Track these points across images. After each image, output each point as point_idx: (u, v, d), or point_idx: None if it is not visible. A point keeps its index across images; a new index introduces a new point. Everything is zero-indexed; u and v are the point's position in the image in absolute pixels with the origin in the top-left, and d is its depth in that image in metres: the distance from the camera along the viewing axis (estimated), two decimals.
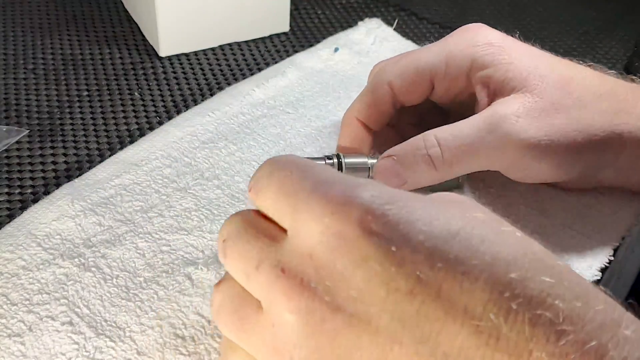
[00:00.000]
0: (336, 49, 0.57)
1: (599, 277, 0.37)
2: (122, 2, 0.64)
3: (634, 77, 0.40)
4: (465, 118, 0.38)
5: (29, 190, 0.43)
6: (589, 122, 0.37)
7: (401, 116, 0.44)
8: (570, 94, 0.37)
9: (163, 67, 0.55)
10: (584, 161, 0.38)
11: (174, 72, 0.55)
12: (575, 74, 0.39)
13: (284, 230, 0.26)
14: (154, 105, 0.51)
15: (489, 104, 0.39)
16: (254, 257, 0.25)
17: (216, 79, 0.54)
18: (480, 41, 0.40)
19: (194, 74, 0.55)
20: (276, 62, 0.56)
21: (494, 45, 0.39)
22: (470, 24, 0.41)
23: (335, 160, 0.40)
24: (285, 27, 0.61)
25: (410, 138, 0.39)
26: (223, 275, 0.36)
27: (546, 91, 0.37)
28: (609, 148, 0.38)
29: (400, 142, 0.39)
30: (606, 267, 0.38)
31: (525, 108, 0.37)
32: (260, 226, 0.26)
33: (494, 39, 0.40)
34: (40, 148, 0.46)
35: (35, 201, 0.41)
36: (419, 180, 0.38)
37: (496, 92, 0.39)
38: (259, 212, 0.27)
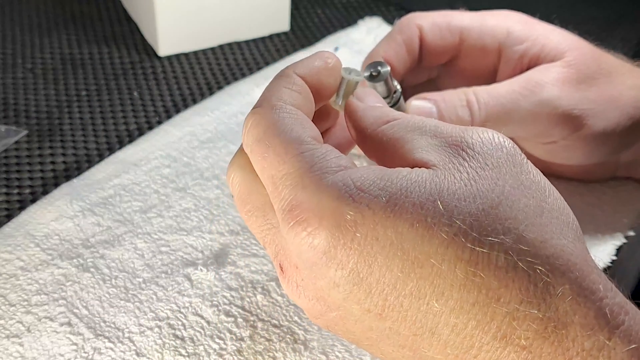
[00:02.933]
0: (336, 48, 0.56)
1: None
2: (121, 2, 0.64)
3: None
4: None
5: (28, 191, 0.43)
6: (617, 96, 0.38)
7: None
8: (602, 69, 0.38)
9: (162, 66, 0.55)
10: (611, 138, 0.39)
11: (174, 72, 0.55)
12: (604, 53, 0.40)
13: None
14: (153, 105, 0.51)
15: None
16: (260, 234, 0.28)
17: (216, 79, 0.54)
18: (514, 18, 0.40)
19: (193, 73, 0.55)
20: (276, 62, 0.56)
21: (529, 22, 0.40)
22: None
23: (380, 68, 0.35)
24: (285, 27, 0.60)
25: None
26: (223, 276, 0.36)
27: (582, 64, 0.38)
28: (635, 126, 0.38)
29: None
30: (608, 267, 0.38)
31: (561, 77, 0.37)
32: (257, 197, 0.28)
33: (528, 18, 0.40)
34: (39, 148, 0.46)
35: (33, 201, 0.41)
36: None
37: (531, 66, 0.39)
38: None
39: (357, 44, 0.57)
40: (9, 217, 0.40)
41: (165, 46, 0.56)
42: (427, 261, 0.22)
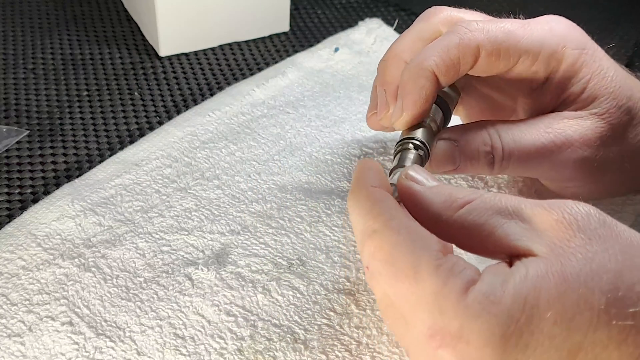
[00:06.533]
0: (336, 49, 0.56)
1: None
2: (121, 2, 0.64)
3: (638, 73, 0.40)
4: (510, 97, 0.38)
5: (29, 191, 0.43)
6: (637, 143, 0.37)
7: None
8: (633, 119, 0.37)
9: (163, 67, 0.55)
10: (629, 179, 0.39)
11: (174, 72, 0.55)
12: (635, 92, 0.38)
13: None
14: (154, 105, 0.51)
15: (553, 106, 0.38)
16: (397, 337, 0.28)
17: (216, 79, 0.54)
18: (574, 42, 0.37)
19: (194, 74, 0.55)
20: (276, 62, 0.56)
21: (584, 54, 0.37)
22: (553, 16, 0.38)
23: (422, 151, 0.35)
24: (285, 27, 0.61)
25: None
26: (224, 276, 0.36)
27: (613, 115, 0.36)
28: None
29: None
30: None
31: (589, 133, 0.36)
32: (392, 306, 0.27)
33: (585, 44, 0.37)
34: (40, 148, 0.46)
35: (35, 201, 0.41)
36: (469, 171, 0.37)
37: (567, 100, 0.37)
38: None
39: (357, 44, 0.58)
40: (11, 216, 0.40)
41: (166, 46, 0.56)
42: (580, 350, 0.23)
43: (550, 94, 0.37)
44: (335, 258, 0.38)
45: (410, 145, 0.35)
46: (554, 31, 0.37)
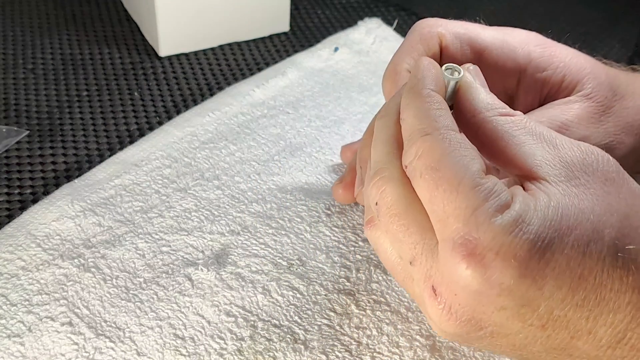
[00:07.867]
0: (336, 49, 0.56)
1: None
2: (121, 2, 0.64)
3: (635, 66, 0.40)
4: None
5: (29, 191, 0.43)
6: (631, 122, 0.38)
7: None
8: (616, 95, 0.38)
9: (163, 67, 0.55)
10: (625, 162, 0.39)
11: (174, 72, 0.55)
12: (614, 73, 0.39)
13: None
14: (154, 105, 0.51)
15: (538, 104, 0.38)
16: (411, 250, 0.28)
17: (216, 79, 0.54)
18: (534, 40, 0.38)
19: (193, 74, 0.55)
20: (276, 62, 0.56)
21: (548, 46, 0.38)
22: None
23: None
24: (285, 27, 0.61)
25: None
26: (224, 276, 0.36)
27: (600, 95, 0.37)
28: None
29: None
30: None
31: (584, 114, 0.36)
32: (414, 214, 0.28)
33: (546, 40, 0.39)
34: (40, 148, 0.46)
35: (34, 202, 0.41)
36: None
37: (550, 95, 0.38)
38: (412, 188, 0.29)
39: (357, 44, 0.58)
40: (10, 217, 0.40)
41: (166, 46, 0.56)
42: (590, 275, 0.25)
43: (531, 93, 0.38)
44: (335, 258, 0.38)
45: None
46: (513, 34, 0.38)
